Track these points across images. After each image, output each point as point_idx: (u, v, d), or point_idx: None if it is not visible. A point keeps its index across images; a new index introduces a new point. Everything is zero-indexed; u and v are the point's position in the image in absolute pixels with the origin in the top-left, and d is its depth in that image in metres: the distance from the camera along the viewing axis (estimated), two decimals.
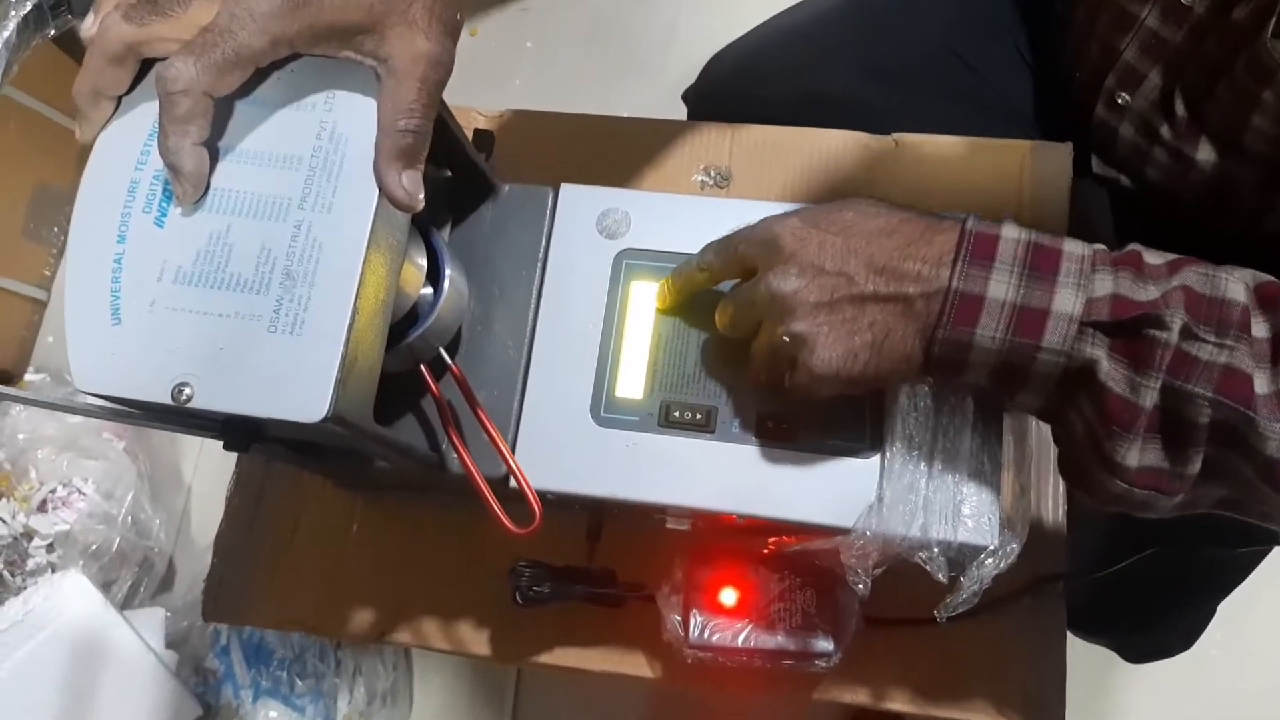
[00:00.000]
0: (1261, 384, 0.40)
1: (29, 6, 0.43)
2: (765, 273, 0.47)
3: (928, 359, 0.45)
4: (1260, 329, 0.42)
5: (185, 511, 1.29)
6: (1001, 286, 0.43)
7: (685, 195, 0.57)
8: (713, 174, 0.72)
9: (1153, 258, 0.44)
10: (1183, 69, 0.60)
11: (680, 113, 0.92)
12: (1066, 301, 0.42)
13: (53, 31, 0.45)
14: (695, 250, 0.55)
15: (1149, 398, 0.41)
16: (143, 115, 0.43)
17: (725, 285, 0.52)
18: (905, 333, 0.45)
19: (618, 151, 0.73)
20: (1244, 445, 0.41)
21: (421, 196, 0.42)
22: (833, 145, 0.71)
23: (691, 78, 0.91)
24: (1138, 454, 0.42)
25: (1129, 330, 0.41)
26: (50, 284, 1.42)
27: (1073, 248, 0.43)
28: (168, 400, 0.40)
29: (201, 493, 1.31)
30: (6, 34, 0.43)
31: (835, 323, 0.45)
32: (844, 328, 0.45)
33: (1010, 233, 0.44)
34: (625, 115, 0.75)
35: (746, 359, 0.51)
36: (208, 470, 1.33)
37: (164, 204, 0.42)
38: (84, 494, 1.08)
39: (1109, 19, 0.64)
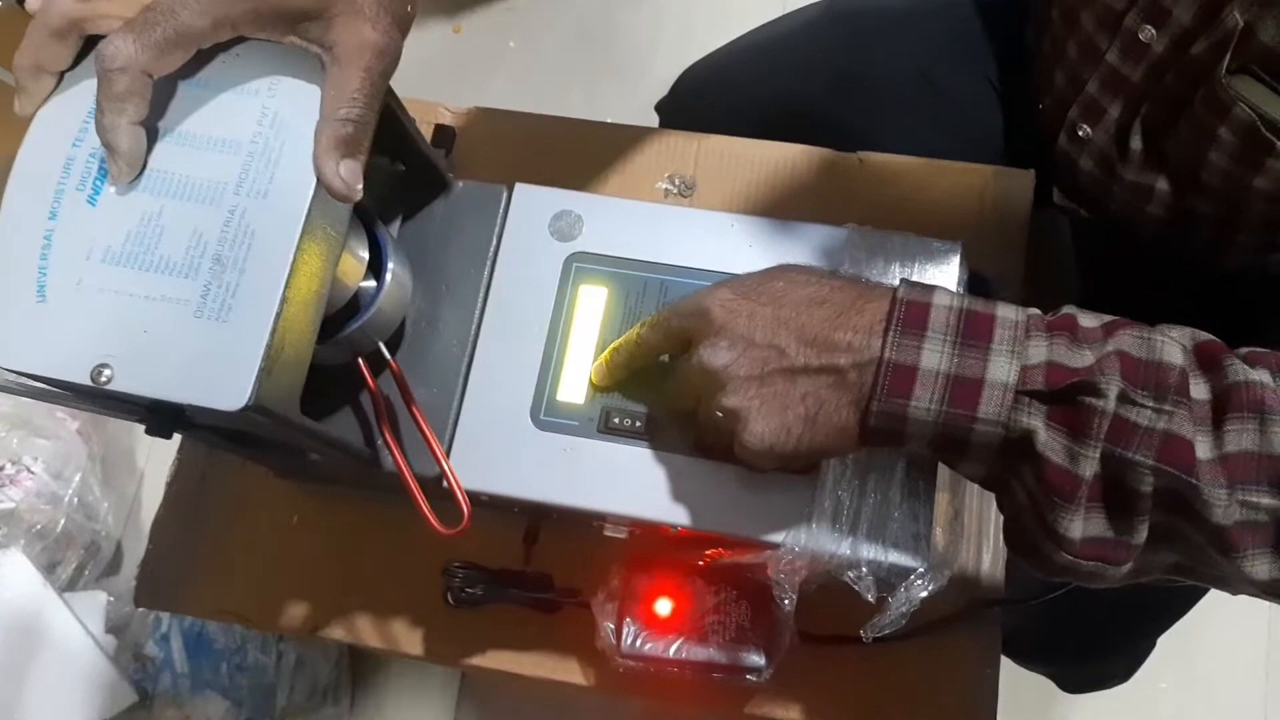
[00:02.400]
0: (1203, 449, 0.40)
1: None
2: (697, 346, 0.46)
3: (863, 431, 0.43)
4: (1200, 390, 0.41)
5: (137, 497, 1.27)
6: (934, 356, 0.42)
7: (639, 201, 0.56)
8: (677, 182, 0.72)
9: (1087, 320, 0.43)
10: (1141, 104, 0.61)
11: (650, 119, 0.92)
12: (1000, 370, 0.41)
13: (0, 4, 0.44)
14: (648, 256, 0.55)
15: (1089, 467, 0.40)
16: (83, 92, 0.43)
17: None
18: (839, 405, 0.44)
19: (583, 155, 0.73)
20: (1189, 512, 0.40)
21: (360, 187, 0.42)
22: (798, 160, 0.71)
23: (670, 87, 0.91)
24: (1081, 524, 0.41)
25: (1065, 398, 0.40)
26: None
27: (1005, 313, 0.43)
28: (87, 381, 0.39)
29: (154, 479, 1.29)
30: None
31: (767, 396, 0.44)
32: (776, 401, 0.44)
33: (941, 299, 0.43)
34: (598, 119, 0.75)
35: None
36: (162, 457, 1.30)
37: (98, 182, 0.42)
38: (33, 473, 1.06)
39: (1077, 49, 0.65)
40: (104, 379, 0.39)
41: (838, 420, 0.44)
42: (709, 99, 0.86)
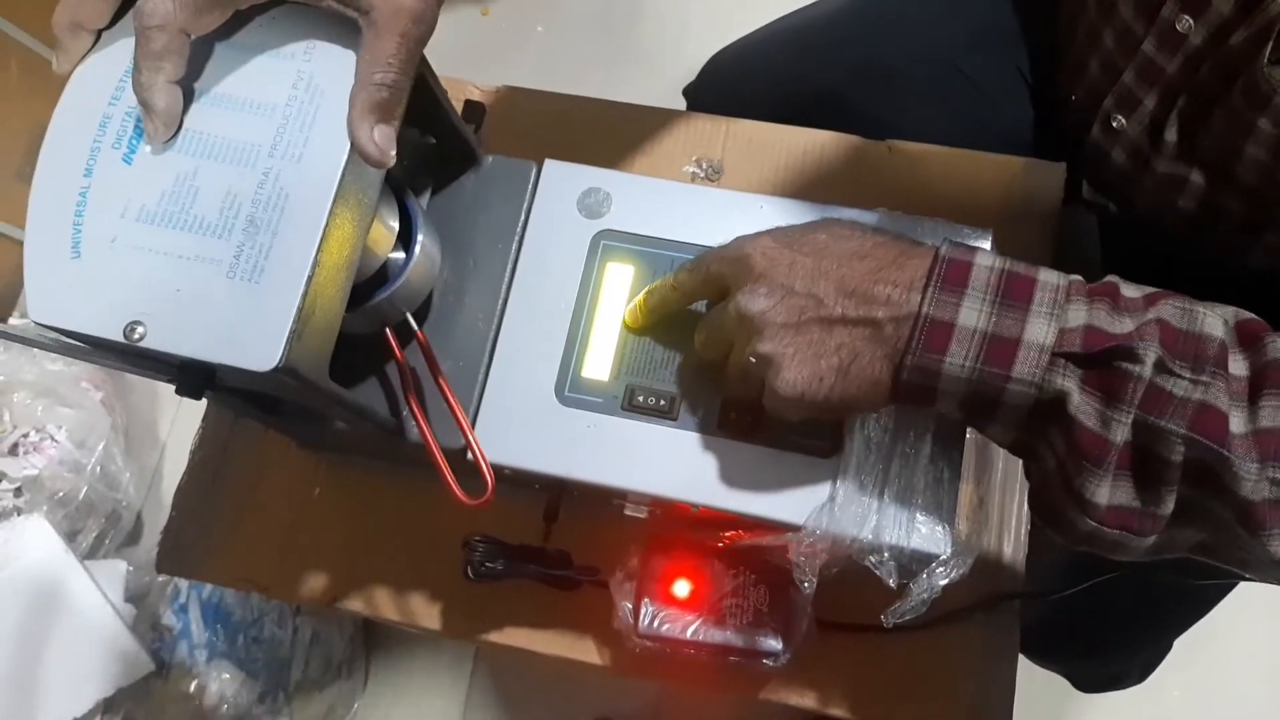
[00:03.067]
0: (1237, 423, 0.39)
1: None
2: (735, 292, 0.46)
3: (896, 386, 0.43)
4: (1238, 366, 0.41)
5: (158, 468, 1.28)
6: (973, 314, 0.42)
7: (668, 180, 0.56)
8: (704, 165, 0.72)
9: (1130, 290, 0.43)
10: (1177, 96, 0.60)
11: (683, 106, 0.92)
12: (1038, 331, 0.41)
13: None
14: (676, 236, 0.55)
15: (1120, 433, 0.40)
16: (121, 50, 0.43)
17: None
18: (873, 357, 0.43)
19: (612, 136, 0.73)
20: (1218, 485, 0.40)
21: (393, 153, 0.42)
22: (825, 146, 0.70)
23: (696, 73, 0.91)
24: (1108, 491, 0.41)
25: (1101, 362, 0.40)
26: None
27: (1048, 277, 0.42)
28: (119, 338, 0.39)
29: (176, 451, 1.30)
30: None
31: (802, 344, 0.44)
32: (810, 350, 0.44)
33: (984, 260, 0.43)
34: (627, 100, 0.75)
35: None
36: (184, 428, 1.32)
37: (134, 141, 0.42)
38: (56, 441, 1.08)
39: (1113, 39, 0.64)
40: (137, 336, 0.39)
41: (871, 373, 0.44)
42: (737, 84, 0.85)
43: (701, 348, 0.51)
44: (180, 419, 1.32)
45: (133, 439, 1.23)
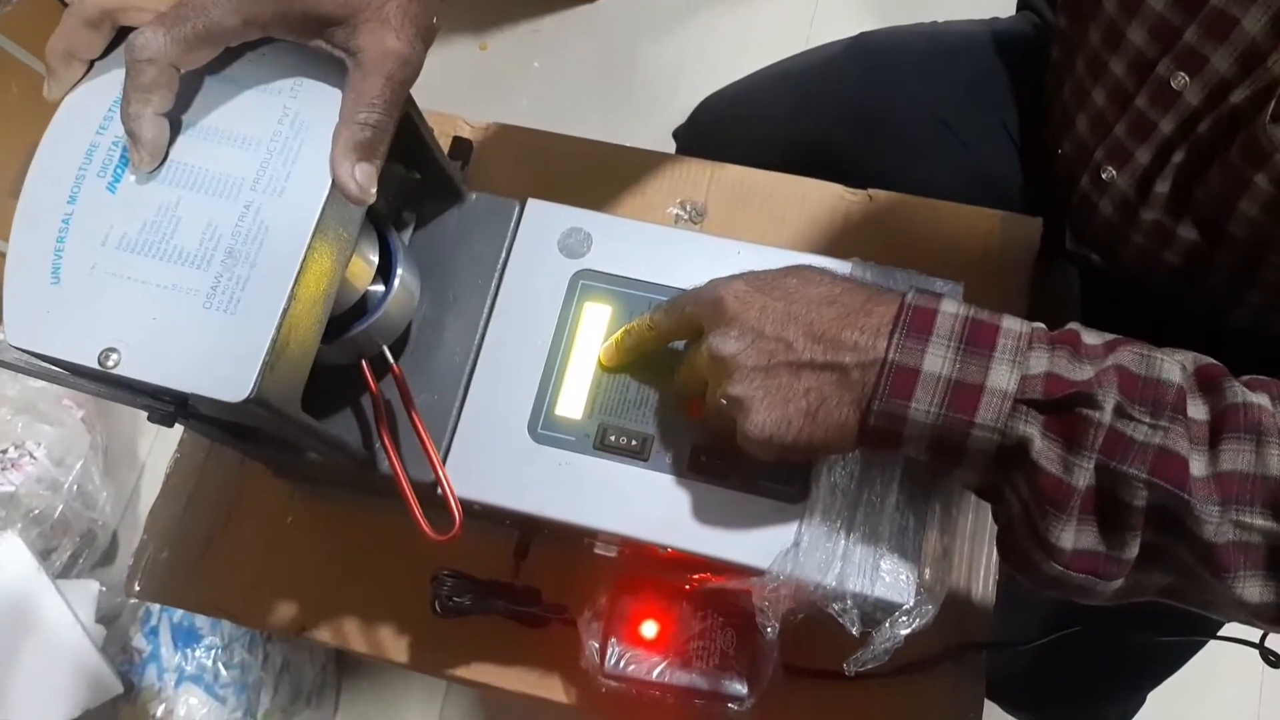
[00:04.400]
0: (1198, 466, 0.40)
1: None
2: (708, 334, 0.47)
3: (863, 430, 0.44)
4: (1198, 410, 0.41)
5: (136, 488, 1.28)
6: (937, 360, 0.42)
7: (649, 223, 0.57)
8: (688, 208, 0.73)
9: (1091, 337, 0.44)
10: (1171, 151, 0.61)
11: (673, 144, 0.94)
12: (1001, 378, 0.42)
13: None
14: (654, 278, 0.55)
15: (1083, 478, 0.41)
16: (111, 81, 0.44)
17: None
18: (840, 402, 0.44)
19: (599, 175, 0.74)
20: (1181, 529, 0.40)
21: (373, 190, 0.43)
22: (808, 193, 0.71)
23: (687, 116, 0.93)
24: (1073, 535, 0.42)
25: (1062, 408, 0.41)
26: None
27: (1010, 324, 0.43)
28: (94, 365, 0.40)
29: (154, 472, 1.30)
30: None
31: (771, 388, 0.45)
32: (779, 393, 0.45)
33: (949, 307, 0.44)
34: (616, 141, 0.76)
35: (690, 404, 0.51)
36: (164, 449, 1.32)
37: (119, 170, 0.42)
38: (34, 458, 1.07)
39: (1104, 95, 0.65)
40: (111, 363, 0.39)
41: (838, 417, 0.44)
42: (726, 129, 0.87)
43: (679, 385, 0.51)
44: (160, 440, 1.32)
45: (112, 458, 1.23)
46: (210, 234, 0.41)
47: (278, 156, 0.42)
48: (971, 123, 0.79)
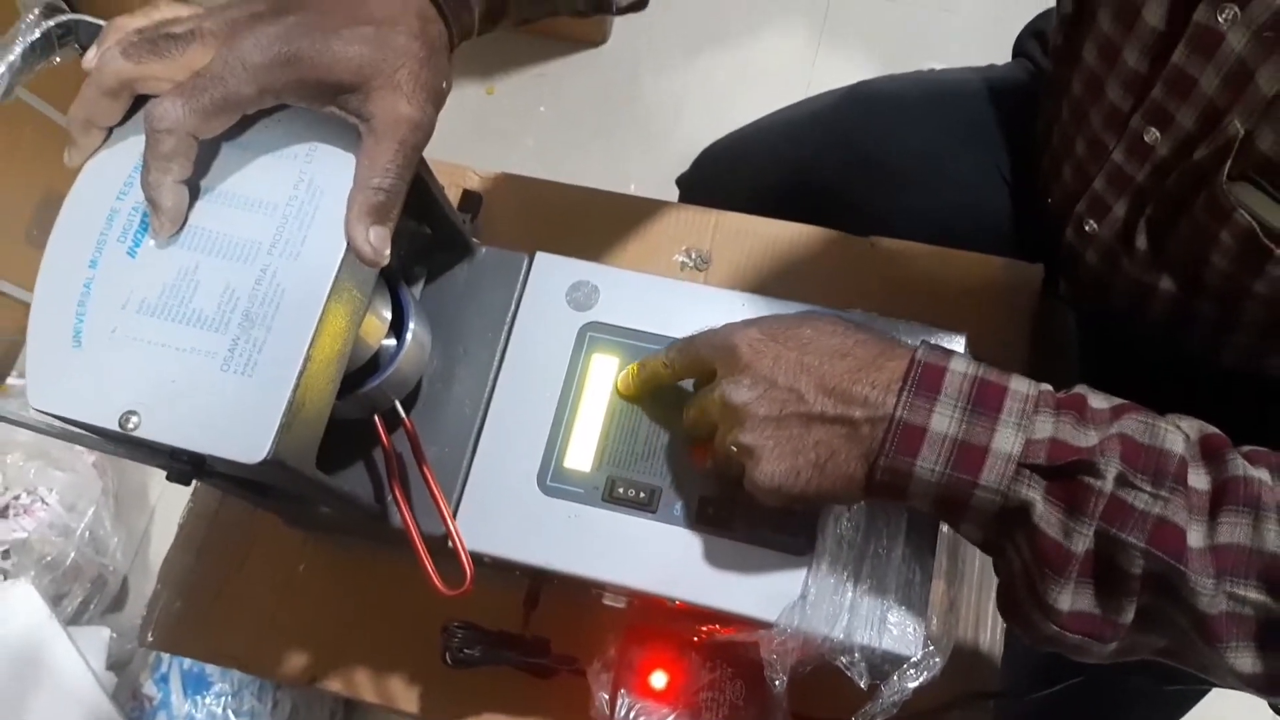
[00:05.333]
0: (1195, 537, 0.41)
1: (37, 34, 0.45)
2: (721, 379, 0.48)
3: (870, 483, 0.45)
4: (1199, 481, 0.42)
5: (146, 533, 1.28)
6: (944, 420, 0.43)
7: (654, 275, 0.58)
8: (693, 256, 0.74)
9: (1097, 401, 0.44)
10: (1145, 204, 0.62)
11: (676, 190, 0.95)
12: (1006, 441, 0.42)
13: (57, 59, 0.47)
14: (660, 330, 0.56)
15: (1082, 543, 0.41)
16: (130, 148, 0.45)
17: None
18: (849, 456, 0.45)
19: (605, 224, 0.75)
20: (1177, 597, 0.41)
21: (387, 253, 0.44)
22: (811, 240, 0.73)
23: (690, 159, 0.94)
24: (1070, 597, 0.42)
25: (1065, 474, 0.42)
26: None
27: (1018, 386, 0.44)
28: (115, 427, 0.40)
29: (165, 517, 1.30)
30: (11, 58, 0.44)
31: (781, 438, 0.46)
32: (789, 444, 0.46)
33: (958, 365, 0.44)
34: (623, 187, 0.77)
35: (699, 446, 0.52)
36: (174, 494, 1.32)
37: (139, 235, 0.43)
38: (46, 504, 1.08)
39: (1085, 146, 0.66)
40: (131, 425, 0.40)
41: (846, 470, 0.45)
42: (728, 175, 0.88)
43: (688, 425, 0.52)
44: (171, 485, 1.32)
45: (122, 503, 1.23)
46: (228, 297, 0.42)
47: (293, 221, 0.43)
48: (967, 167, 0.81)
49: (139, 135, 0.44)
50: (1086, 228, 0.67)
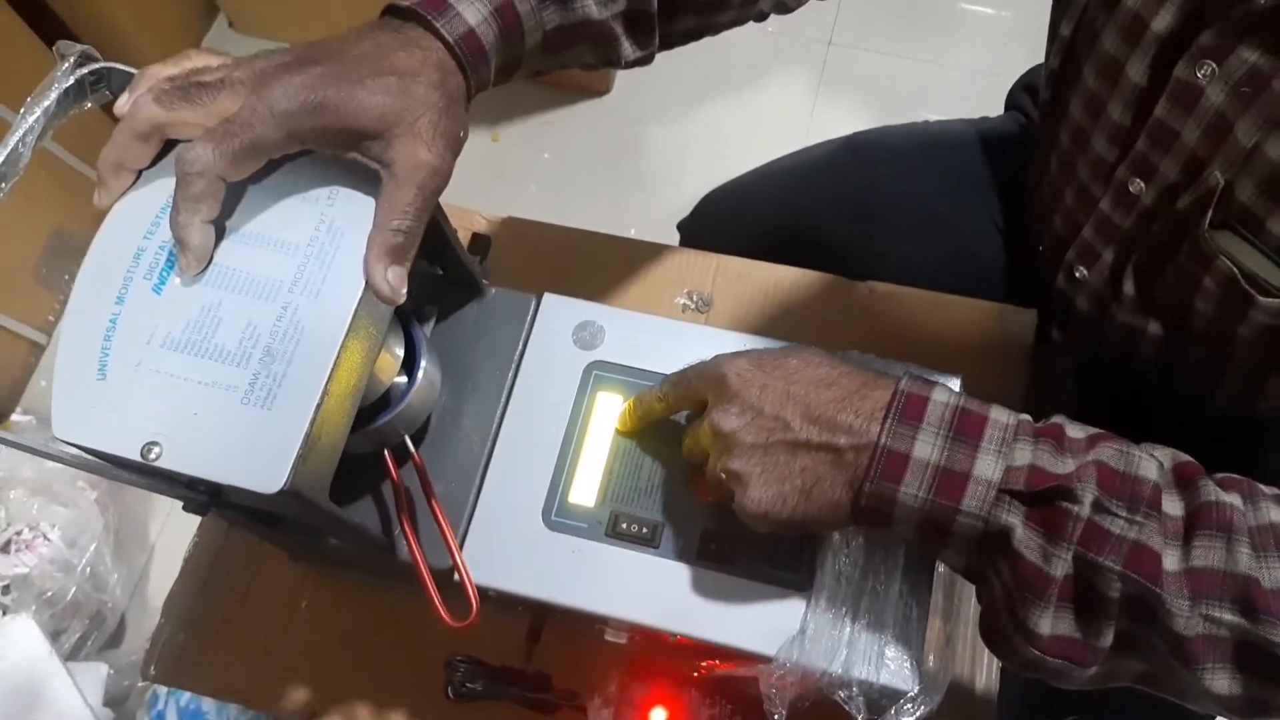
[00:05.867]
0: (1170, 561, 0.42)
1: (71, 81, 0.47)
2: (711, 409, 0.49)
3: (855, 509, 0.46)
4: (1173, 506, 0.44)
5: (145, 570, 1.28)
6: (927, 447, 0.45)
7: (658, 316, 0.59)
8: (695, 298, 0.76)
9: (1074, 431, 0.46)
10: (1131, 251, 0.63)
11: (678, 238, 0.97)
12: (986, 467, 0.44)
13: (89, 104, 0.49)
14: (663, 369, 0.58)
15: (1060, 567, 0.43)
16: (158, 190, 0.47)
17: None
18: (834, 482, 0.46)
19: (608, 266, 0.77)
20: (1154, 620, 0.42)
21: (404, 291, 0.45)
22: (810, 284, 0.75)
23: (689, 206, 0.96)
24: (1050, 621, 0.43)
25: (1043, 500, 0.43)
26: (52, 329, 1.45)
27: (998, 415, 0.46)
28: (137, 457, 0.42)
29: (164, 553, 1.31)
30: (47, 103, 0.46)
31: (768, 465, 0.47)
32: (775, 471, 0.47)
33: (940, 396, 0.46)
34: (624, 233, 0.80)
35: (700, 479, 0.53)
36: (173, 531, 1.33)
37: (165, 273, 0.45)
38: (48, 539, 1.09)
39: (1073, 196, 0.68)
40: (153, 456, 0.41)
41: (832, 496, 0.46)
42: (728, 221, 0.91)
43: (686, 456, 0.54)
44: (171, 522, 1.33)
45: (123, 539, 1.24)
46: (250, 333, 0.44)
47: (314, 260, 0.45)
48: (961, 215, 0.83)
49: (166, 178, 0.46)
50: (1077, 274, 0.69)
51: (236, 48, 1.70)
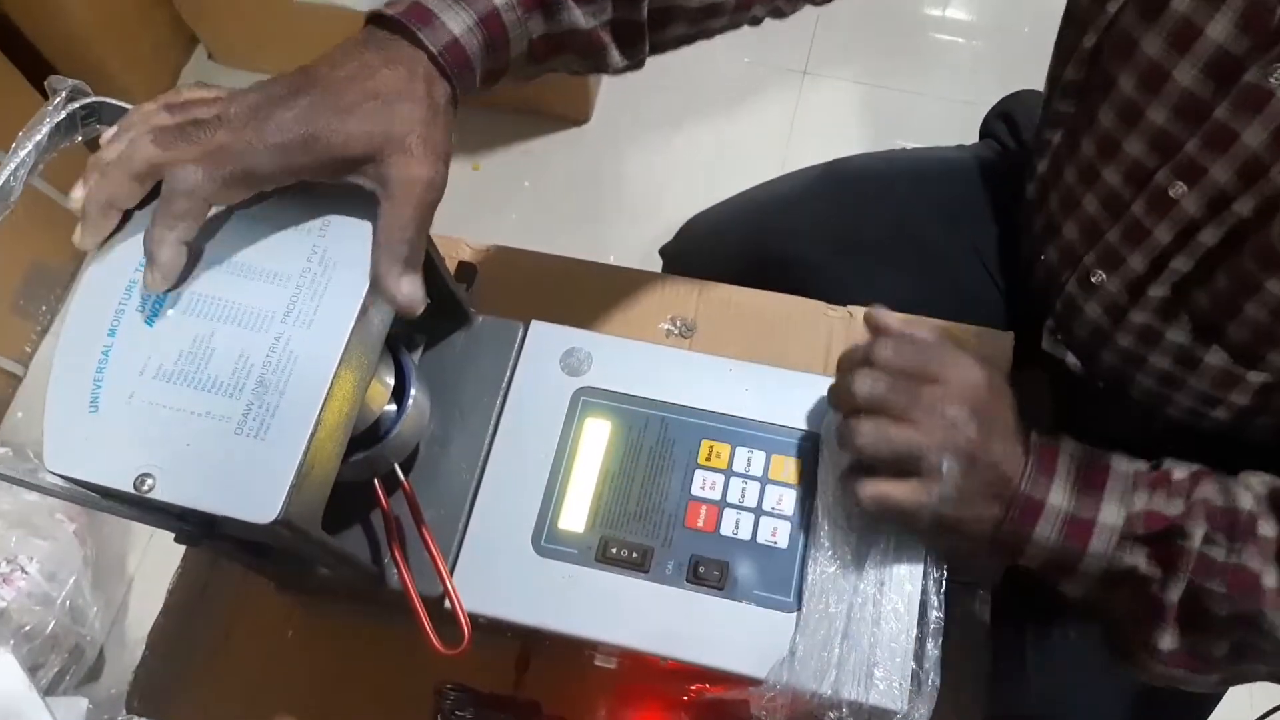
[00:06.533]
0: (1269, 579, 0.49)
1: (63, 115, 0.48)
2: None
3: (992, 539, 0.53)
4: (1269, 529, 0.50)
5: (124, 603, 1.27)
6: (1059, 495, 0.52)
7: (644, 342, 0.60)
8: (678, 324, 0.77)
9: (1179, 473, 0.53)
10: (1168, 257, 0.62)
11: (659, 263, 0.98)
12: (1110, 514, 0.51)
13: (80, 138, 0.49)
14: (651, 394, 0.58)
15: (1176, 594, 0.50)
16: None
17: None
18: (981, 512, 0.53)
19: (593, 294, 0.78)
20: (1261, 631, 0.49)
21: (421, 297, 0.47)
22: (792, 309, 0.76)
23: (667, 234, 0.98)
24: (1170, 640, 0.51)
25: (1160, 539, 0.50)
26: (29, 360, 1.44)
27: (1119, 466, 0.53)
28: (130, 489, 0.42)
29: (142, 586, 1.29)
30: (39, 137, 0.47)
31: (961, 472, 0.52)
32: (965, 479, 0.52)
33: (1068, 448, 0.53)
34: (604, 259, 0.80)
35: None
36: (152, 564, 1.31)
37: (157, 305, 0.45)
38: (26, 573, 1.07)
39: (1097, 203, 0.67)
40: (146, 488, 0.42)
41: (980, 519, 0.53)
42: (710, 247, 0.92)
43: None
44: (149, 554, 1.32)
45: (101, 572, 1.22)
46: (242, 364, 0.44)
47: (307, 291, 0.45)
48: (939, 240, 0.84)
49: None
50: (1093, 279, 0.68)
51: (216, 79, 1.70)
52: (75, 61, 1.52)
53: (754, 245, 0.88)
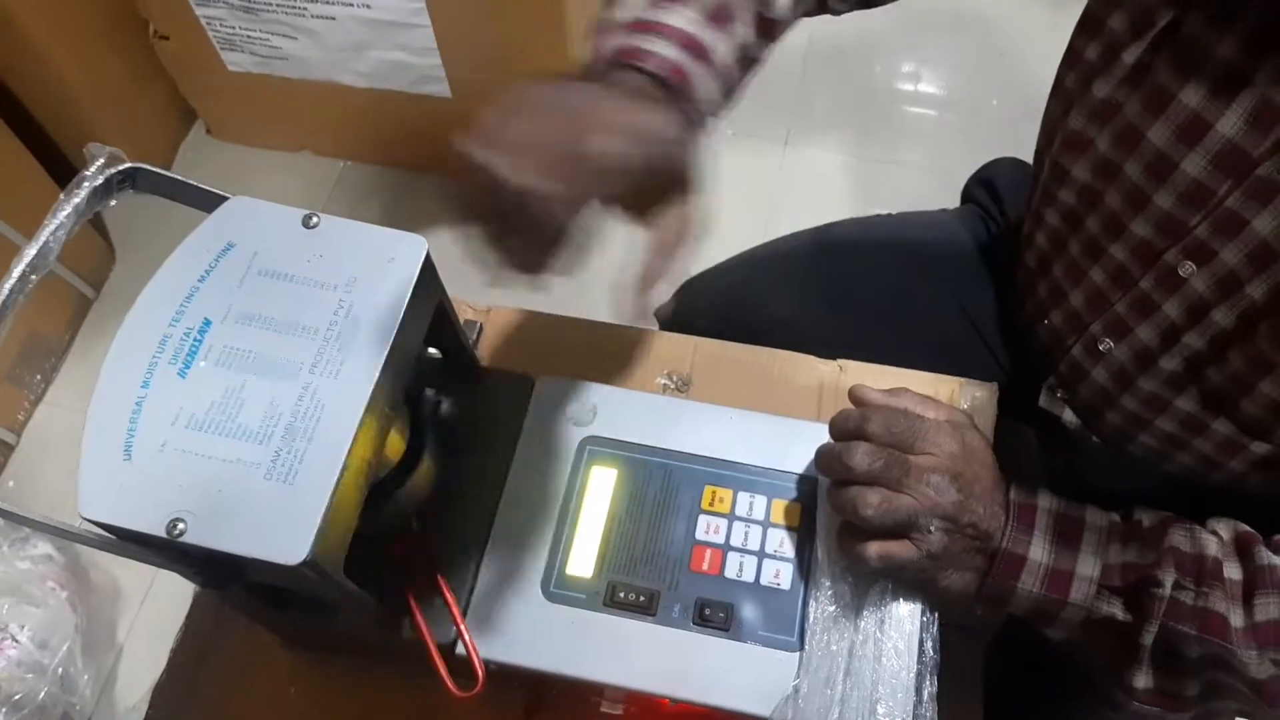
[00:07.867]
0: (1236, 619, 0.52)
1: (101, 180, 0.50)
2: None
3: (978, 592, 0.57)
4: (1233, 572, 0.53)
5: (113, 672, 1.25)
6: (1039, 550, 0.55)
7: (647, 393, 0.63)
8: (674, 379, 0.79)
9: (1148, 519, 0.56)
10: (1179, 333, 0.62)
11: (653, 323, 1.01)
12: (1087, 567, 0.55)
13: (113, 202, 0.52)
14: (653, 442, 0.61)
15: (1149, 637, 0.53)
16: (184, 275, 0.49)
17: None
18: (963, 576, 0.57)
19: (592, 350, 0.80)
20: (1231, 670, 0.52)
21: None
22: (783, 364, 0.78)
23: (667, 294, 1.00)
24: (1144, 679, 0.54)
25: (1134, 589, 0.54)
26: (22, 429, 1.44)
27: (1092, 519, 0.56)
28: (162, 534, 0.43)
29: (131, 655, 1.28)
30: (78, 200, 0.49)
31: (945, 530, 0.55)
32: (949, 538, 0.55)
33: (1044, 503, 0.57)
34: (598, 314, 0.83)
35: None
36: (141, 632, 1.30)
37: (190, 358, 0.48)
38: (18, 642, 1.06)
39: (1104, 276, 0.67)
40: (178, 532, 0.43)
41: (963, 582, 0.57)
42: (704, 307, 0.95)
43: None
44: (139, 622, 1.30)
45: (90, 639, 1.21)
46: (271, 412, 0.46)
47: (334, 343, 0.48)
48: (927, 298, 0.88)
49: (191, 261, 0.49)
50: (1101, 346, 0.69)
51: (213, 154, 1.74)
52: (72, 131, 1.55)
53: (747, 305, 0.91)
